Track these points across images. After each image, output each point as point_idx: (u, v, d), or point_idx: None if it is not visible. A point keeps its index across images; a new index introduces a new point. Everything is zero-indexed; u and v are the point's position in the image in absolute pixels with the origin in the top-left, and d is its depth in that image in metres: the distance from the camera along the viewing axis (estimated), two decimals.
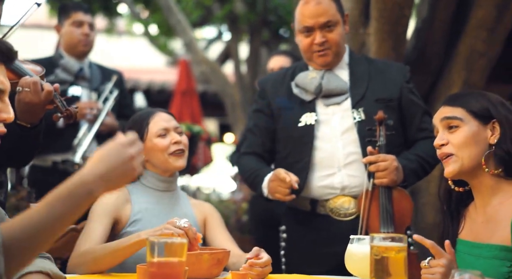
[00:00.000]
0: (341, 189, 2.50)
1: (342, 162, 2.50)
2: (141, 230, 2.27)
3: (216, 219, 2.45)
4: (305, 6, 2.53)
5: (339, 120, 2.54)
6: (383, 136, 2.43)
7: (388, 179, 2.37)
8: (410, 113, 2.57)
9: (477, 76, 3.51)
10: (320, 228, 2.54)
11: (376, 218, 2.39)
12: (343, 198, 2.51)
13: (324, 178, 2.51)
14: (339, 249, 2.44)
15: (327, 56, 2.54)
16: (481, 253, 1.81)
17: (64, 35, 3.64)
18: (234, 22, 5.92)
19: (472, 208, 1.94)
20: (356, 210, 2.49)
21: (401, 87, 2.57)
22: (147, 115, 2.46)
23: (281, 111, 2.63)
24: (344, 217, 2.51)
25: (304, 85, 2.58)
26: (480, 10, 3.41)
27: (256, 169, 2.62)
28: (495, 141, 1.83)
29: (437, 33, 3.56)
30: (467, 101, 1.88)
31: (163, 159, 2.38)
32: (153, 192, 2.41)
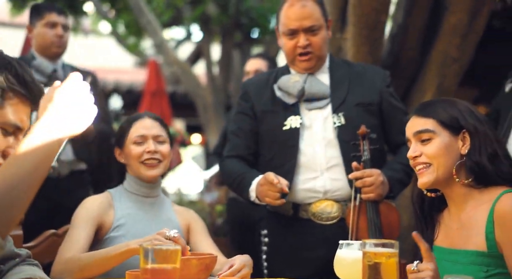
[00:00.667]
0: (323, 192, 2.52)
1: (324, 166, 2.52)
2: (124, 235, 2.27)
3: (199, 226, 2.45)
4: (290, 9, 2.53)
5: (321, 125, 2.55)
6: (367, 151, 2.44)
7: (374, 194, 2.39)
8: (391, 117, 2.59)
9: (450, 82, 3.59)
10: (302, 232, 2.55)
11: (365, 232, 2.41)
12: (325, 202, 2.52)
13: (307, 181, 2.53)
14: (321, 253, 2.48)
15: (310, 61, 2.56)
16: (458, 259, 1.85)
17: (37, 36, 3.58)
18: (206, 24, 5.91)
19: (446, 214, 1.97)
20: (338, 214, 2.51)
21: (381, 91, 2.59)
22: (132, 120, 2.44)
23: (265, 114, 2.63)
24: (326, 221, 2.52)
25: (286, 89, 2.59)
26: (453, 16, 3.48)
27: (242, 172, 2.60)
28: (466, 151, 1.87)
29: (412, 38, 3.63)
30: (437, 111, 1.90)
31: (136, 167, 2.38)
32: (135, 197, 2.40)
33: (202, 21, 5.85)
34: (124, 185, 2.43)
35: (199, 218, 2.49)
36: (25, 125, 1.52)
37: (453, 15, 3.48)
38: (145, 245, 1.56)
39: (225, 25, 5.93)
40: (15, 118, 1.48)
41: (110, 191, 2.43)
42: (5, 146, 1.48)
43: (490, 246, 1.77)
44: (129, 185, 2.41)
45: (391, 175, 2.47)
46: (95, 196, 2.40)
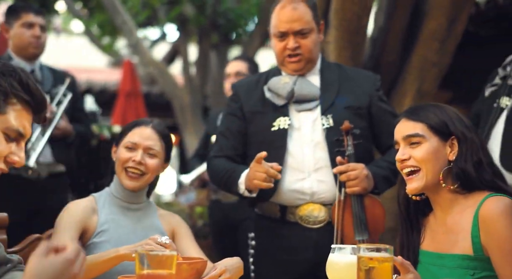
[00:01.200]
0: (310, 194, 2.52)
1: (312, 167, 2.52)
2: (108, 241, 2.25)
3: (184, 230, 2.43)
4: (282, 11, 2.55)
5: (309, 127, 2.57)
6: (351, 146, 2.47)
7: (359, 187, 2.42)
8: (381, 120, 2.61)
9: (429, 85, 3.64)
10: (290, 235, 2.55)
11: (350, 227, 2.43)
12: (312, 206, 2.53)
13: (294, 183, 2.53)
14: (308, 257, 2.50)
15: (299, 62, 2.57)
16: (445, 263, 1.88)
17: (14, 37, 3.53)
18: (183, 25, 5.88)
19: (431, 218, 2.00)
20: (325, 218, 2.51)
21: (371, 95, 2.61)
22: (135, 124, 2.41)
23: (254, 115, 2.63)
24: (314, 224, 2.52)
25: (276, 90, 2.59)
26: (432, 21, 3.54)
27: (231, 168, 2.60)
28: (453, 158, 1.90)
29: (393, 42, 3.67)
30: (428, 116, 1.93)
31: (118, 171, 2.35)
32: (120, 202, 2.37)
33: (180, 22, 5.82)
34: (110, 188, 2.40)
35: (184, 222, 2.47)
36: (27, 132, 1.50)
37: (432, 20, 3.53)
38: (141, 251, 1.55)
39: (202, 26, 5.92)
40: (17, 124, 1.47)
41: (94, 195, 2.40)
42: (7, 152, 1.47)
43: (476, 250, 1.80)
44: (115, 189, 2.38)
45: (376, 171, 2.49)
46: (78, 200, 2.37)
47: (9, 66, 1.48)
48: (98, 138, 4.40)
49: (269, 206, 2.58)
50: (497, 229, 1.76)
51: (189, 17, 5.83)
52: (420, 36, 3.58)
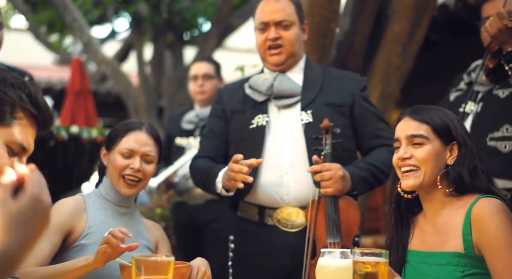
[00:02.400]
0: (287, 193, 2.50)
1: (289, 166, 2.51)
2: (96, 243, 2.18)
3: (166, 247, 2.43)
4: (265, 3, 2.60)
5: (288, 124, 2.56)
6: (329, 145, 2.44)
7: (333, 189, 2.38)
8: (364, 120, 2.60)
9: (392, 88, 3.73)
10: (268, 239, 2.53)
11: (323, 228, 2.39)
12: (290, 209, 2.51)
13: (272, 181, 2.51)
14: (285, 261, 2.49)
15: (280, 55, 2.57)
16: (435, 261, 1.93)
17: None
18: (138, 23, 5.79)
19: (421, 218, 2.06)
20: (303, 222, 2.49)
21: (354, 94, 2.61)
22: (127, 129, 2.35)
23: (234, 114, 2.64)
24: (292, 228, 2.51)
25: (256, 86, 2.61)
26: (396, 25, 3.62)
27: (210, 167, 2.59)
28: (451, 162, 1.96)
29: (358, 46, 3.73)
30: (432, 118, 1.98)
31: (115, 178, 2.31)
32: (110, 205, 2.33)
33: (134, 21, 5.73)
34: (99, 190, 2.36)
35: (166, 237, 2.47)
36: (30, 147, 1.46)
37: (396, 24, 3.62)
38: (137, 257, 1.56)
39: (157, 25, 5.84)
40: (22, 138, 1.43)
41: (83, 194, 2.36)
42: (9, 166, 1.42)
43: (467, 247, 1.86)
44: (106, 191, 2.34)
45: (355, 172, 2.46)
46: (66, 199, 2.31)
47: (19, 79, 1.43)
48: (55, 139, 4.28)
49: (248, 209, 2.58)
50: (488, 227, 1.82)
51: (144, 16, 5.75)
52: (384, 40, 3.65)
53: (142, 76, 5.84)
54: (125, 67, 6.82)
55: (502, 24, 2.54)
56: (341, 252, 1.83)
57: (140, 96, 5.87)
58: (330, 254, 1.93)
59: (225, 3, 5.76)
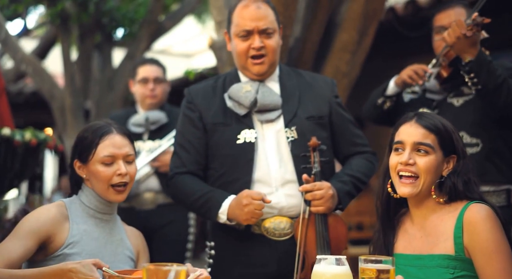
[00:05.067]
0: (279, 209, 2.48)
1: (279, 182, 2.50)
2: (79, 253, 2.15)
3: (146, 257, 2.38)
4: (245, 9, 2.52)
5: (274, 139, 2.54)
6: (318, 163, 2.46)
7: (324, 207, 2.41)
8: (341, 128, 2.62)
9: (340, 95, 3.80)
10: (253, 247, 2.50)
11: (313, 245, 2.43)
12: (279, 218, 2.50)
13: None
14: (271, 270, 2.48)
15: (263, 65, 2.53)
16: (424, 263, 2.00)
17: None
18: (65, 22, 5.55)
19: (407, 221, 2.13)
20: (291, 231, 2.50)
21: (330, 102, 2.63)
22: (99, 135, 2.24)
23: (216, 126, 2.55)
24: (279, 237, 2.49)
25: (238, 99, 2.54)
26: (344, 33, 3.71)
27: (205, 192, 2.49)
28: (446, 174, 2.04)
29: (308, 52, 3.78)
30: (439, 129, 2.04)
31: (103, 189, 2.23)
32: (93, 213, 2.25)
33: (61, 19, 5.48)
34: (80, 197, 2.27)
35: (146, 244, 2.42)
36: None
37: (344, 33, 3.71)
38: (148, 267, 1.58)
39: (84, 24, 5.63)
40: None
41: (64, 201, 2.26)
42: None
43: (457, 250, 1.94)
44: (88, 199, 2.26)
45: (340, 187, 2.49)
46: (48, 206, 2.22)
47: None
48: None
49: None
50: (480, 232, 1.91)
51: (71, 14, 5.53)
52: (332, 48, 3.73)
53: (68, 76, 5.61)
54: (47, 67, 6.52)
55: (460, 33, 2.67)
56: (336, 259, 1.86)
57: (66, 97, 5.64)
58: (325, 260, 1.96)
59: (156, 4, 5.66)
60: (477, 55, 2.70)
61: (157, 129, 3.76)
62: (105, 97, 5.83)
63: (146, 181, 3.72)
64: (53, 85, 5.88)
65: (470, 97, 2.96)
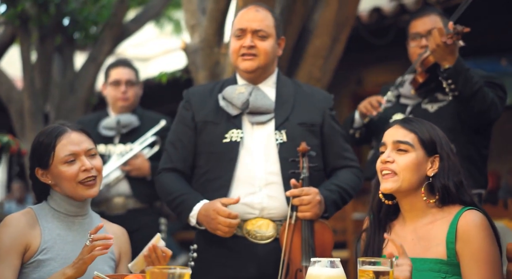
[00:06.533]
0: (260, 209, 2.49)
1: (263, 182, 2.51)
2: (53, 258, 2.10)
3: (128, 256, 2.35)
4: (245, 11, 2.62)
5: (262, 141, 2.55)
6: (306, 168, 2.46)
7: (311, 213, 2.41)
8: (331, 140, 2.64)
9: None
10: (235, 250, 2.50)
11: (298, 251, 2.42)
12: (261, 221, 2.50)
13: (244, 197, 2.49)
14: (252, 273, 2.48)
15: (252, 61, 2.56)
16: (415, 267, 1.99)
17: None
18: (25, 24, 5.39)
19: (398, 225, 2.15)
20: (273, 234, 2.50)
21: (324, 113, 2.64)
22: (55, 137, 2.19)
23: (205, 125, 2.58)
24: (261, 239, 2.49)
25: (231, 99, 2.57)
26: (317, 39, 3.75)
27: (182, 193, 2.53)
28: (432, 174, 2.07)
29: (282, 58, 3.79)
30: (421, 129, 2.09)
31: (71, 188, 2.18)
32: (63, 217, 2.20)
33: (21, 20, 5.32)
34: (49, 203, 2.22)
35: (129, 245, 2.39)
36: None
37: (317, 39, 3.74)
38: (152, 270, 1.58)
39: (45, 26, 5.49)
40: None
41: (33, 207, 2.21)
42: None
43: (449, 255, 1.98)
44: (56, 203, 2.20)
45: (328, 195, 2.50)
46: (15, 215, 2.16)
47: None
48: None
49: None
50: (474, 240, 1.94)
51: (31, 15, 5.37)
52: (306, 54, 3.76)
53: (28, 79, 5.45)
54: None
55: (441, 41, 2.75)
56: (331, 261, 1.87)
57: (25, 100, 5.48)
58: (319, 263, 1.96)
59: (120, 6, 5.58)
60: (455, 63, 2.78)
61: (129, 132, 3.70)
62: (66, 100, 5.69)
63: (116, 185, 3.65)
64: (11, 87, 5.71)
65: (444, 103, 3.04)
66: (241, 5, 3.37)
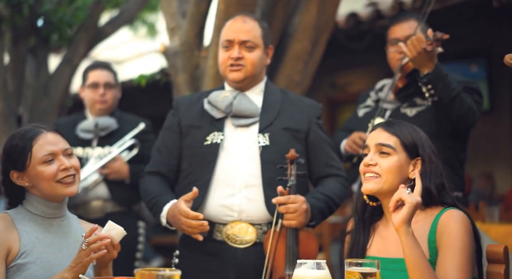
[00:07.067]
0: (238, 212, 2.50)
1: (242, 184, 2.52)
2: (33, 262, 2.10)
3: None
4: (232, 22, 2.65)
5: (245, 143, 2.56)
6: (294, 176, 2.45)
7: (296, 221, 2.40)
8: (317, 148, 2.64)
9: None
10: (215, 254, 2.51)
11: (282, 259, 2.41)
12: (240, 224, 2.51)
13: (223, 198, 2.51)
14: (233, 277, 2.49)
15: (239, 72, 2.59)
16: (399, 267, 2.04)
17: None
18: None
19: (382, 226, 2.18)
20: (252, 238, 2.51)
21: (311, 121, 2.65)
22: (30, 138, 2.18)
23: (189, 129, 2.61)
24: (240, 244, 2.51)
25: (215, 103, 2.60)
26: (297, 43, 3.78)
27: (156, 195, 2.55)
28: (413, 176, 2.08)
29: None
30: (403, 132, 2.11)
31: (50, 187, 2.17)
32: (41, 220, 2.19)
33: None
34: (25, 207, 2.20)
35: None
36: None
37: (297, 43, 3.77)
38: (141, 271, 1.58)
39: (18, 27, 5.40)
40: None
41: (8, 212, 2.19)
42: None
43: (432, 254, 2.01)
44: (33, 206, 2.19)
45: (314, 203, 2.50)
46: None
47: None
48: None
49: None
50: (451, 231, 1.98)
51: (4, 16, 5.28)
52: (286, 57, 3.78)
53: (0, 81, 5.35)
54: None
55: (421, 48, 2.80)
56: (317, 263, 1.88)
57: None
58: (305, 265, 1.97)
59: (96, 8, 5.52)
60: (434, 68, 2.83)
61: (107, 135, 3.67)
62: (39, 103, 5.61)
63: (94, 188, 3.62)
64: None
65: (422, 108, 3.09)
66: (222, 8, 3.39)
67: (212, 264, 2.51)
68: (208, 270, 2.51)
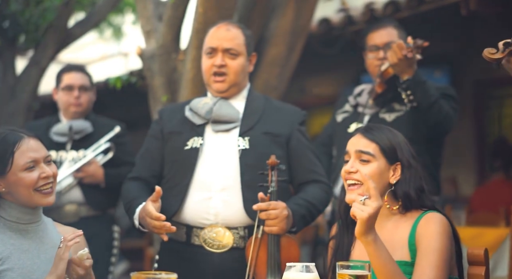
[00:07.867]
0: (214, 214, 2.50)
1: (219, 187, 2.52)
2: (11, 269, 2.07)
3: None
4: (216, 30, 2.65)
5: (224, 147, 2.57)
6: (275, 182, 2.43)
7: (278, 228, 2.38)
8: (299, 154, 2.64)
9: None
10: (193, 259, 2.51)
11: (264, 266, 2.39)
12: (216, 228, 2.51)
13: (200, 202, 2.51)
14: None
15: (223, 83, 2.62)
16: None
17: None
18: None
19: None
20: (228, 242, 2.51)
21: (292, 127, 2.65)
22: (12, 143, 2.14)
23: (171, 135, 2.63)
24: (217, 248, 2.51)
25: (196, 109, 2.62)
26: (274, 48, 3.82)
27: (132, 198, 2.55)
28: (394, 181, 2.13)
29: None
30: (381, 138, 2.14)
31: (27, 195, 2.14)
32: (16, 226, 2.15)
33: None
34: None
35: (86, 246, 2.32)
36: None
37: (274, 48, 3.82)
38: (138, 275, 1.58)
39: None
40: None
41: None
42: None
43: (413, 256, 2.04)
44: (7, 213, 2.15)
45: (296, 209, 2.48)
46: None
47: None
48: None
49: (177, 228, 2.50)
50: (430, 232, 2.01)
51: None
52: (262, 62, 3.81)
53: None
54: None
55: (402, 54, 2.85)
56: (306, 266, 1.90)
57: None
58: (294, 267, 1.98)
59: (64, 9, 5.43)
60: (414, 75, 2.89)
61: (82, 139, 3.61)
62: (6, 105, 5.49)
63: (68, 192, 3.56)
64: None
65: (401, 113, 3.15)
66: (201, 11, 3.38)
67: (190, 270, 2.50)
68: (185, 276, 2.47)
